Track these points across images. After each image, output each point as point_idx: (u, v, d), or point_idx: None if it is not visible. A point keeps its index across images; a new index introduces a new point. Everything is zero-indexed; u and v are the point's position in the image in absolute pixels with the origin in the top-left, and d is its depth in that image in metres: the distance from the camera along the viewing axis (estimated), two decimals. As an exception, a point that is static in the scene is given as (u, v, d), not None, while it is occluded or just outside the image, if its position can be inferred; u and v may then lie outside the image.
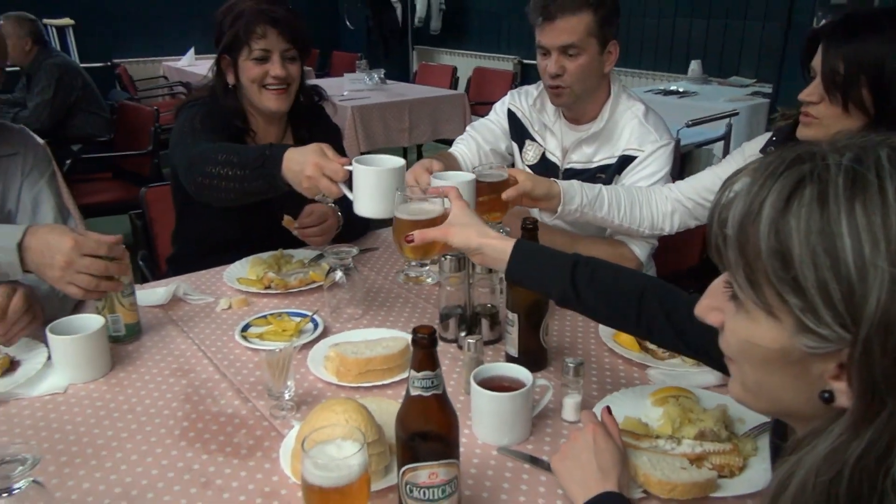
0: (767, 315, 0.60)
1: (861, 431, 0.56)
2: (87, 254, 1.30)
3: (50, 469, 1.07)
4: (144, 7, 7.38)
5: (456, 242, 1.15)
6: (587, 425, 1.00)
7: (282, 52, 1.78)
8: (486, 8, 7.25)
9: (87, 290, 1.32)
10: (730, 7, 5.11)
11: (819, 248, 0.55)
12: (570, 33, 1.74)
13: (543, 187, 1.56)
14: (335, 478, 0.86)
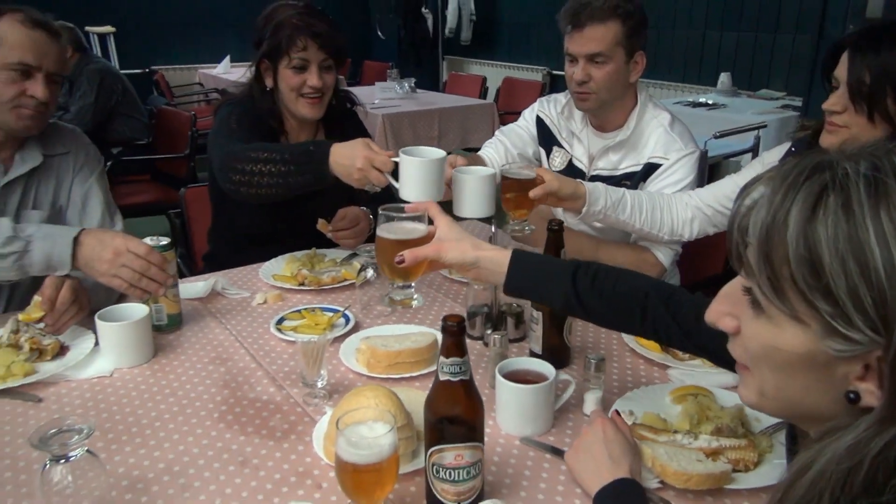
0: (792, 320, 0.62)
1: (886, 427, 0.58)
2: (134, 252, 1.41)
3: (98, 445, 1.14)
4: (182, 16, 7.58)
5: (451, 258, 1.13)
6: (596, 419, 1.05)
7: (320, 62, 1.85)
8: (515, 19, 7.32)
9: (129, 284, 1.41)
10: (761, 20, 5.11)
11: (848, 255, 0.57)
12: (597, 42, 1.79)
13: (570, 187, 1.60)
14: (366, 455, 0.91)
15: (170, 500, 1.03)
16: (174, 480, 1.07)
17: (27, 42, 1.56)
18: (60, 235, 1.42)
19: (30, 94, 1.58)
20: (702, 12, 5.50)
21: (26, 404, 1.27)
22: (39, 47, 1.58)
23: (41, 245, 1.41)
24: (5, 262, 1.41)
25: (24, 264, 1.42)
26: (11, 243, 1.41)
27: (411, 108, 5.01)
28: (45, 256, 1.42)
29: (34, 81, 1.58)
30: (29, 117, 1.61)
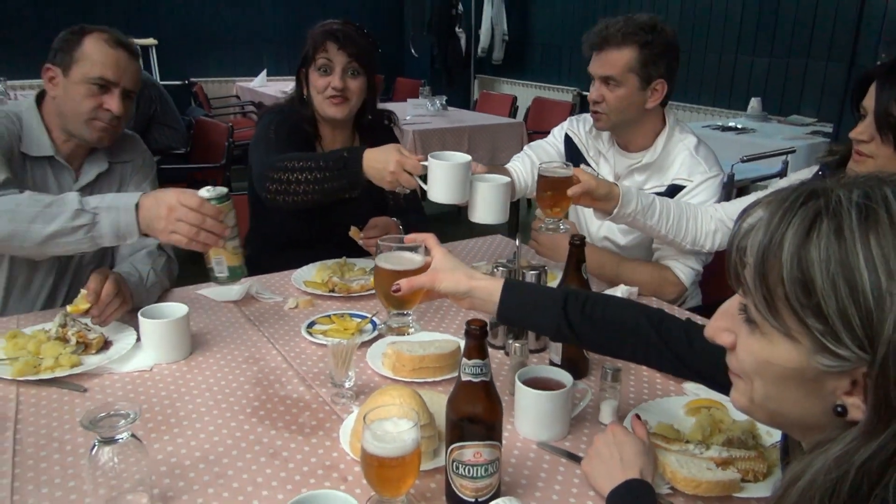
0: (785, 337, 0.66)
1: (871, 440, 0.62)
2: (186, 205, 1.39)
3: (139, 432, 1.21)
4: (221, 31, 7.81)
5: (444, 287, 1.16)
6: (609, 426, 1.09)
7: (343, 65, 1.97)
8: (547, 40, 7.41)
9: (188, 239, 1.39)
10: (793, 46, 5.12)
11: (839, 277, 0.61)
12: (610, 66, 1.85)
13: (605, 188, 1.64)
14: (391, 448, 0.97)
15: (204, 486, 1.09)
16: (209, 468, 1.14)
17: (109, 60, 1.68)
18: (123, 204, 1.43)
19: (106, 107, 1.69)
20: (734, 37, 5.53)
21: (73, 393, 1.35)
22: (119, 65, 1.70)
23: (107, 216, 1.42)
24: (77, 235, 1.42)
25: (94, 236, 1.43)
26: (79, 216, 1.42)
27: (442, 126, 5.10)
28: (113, 226, 1.42)
29: (111, 96, 1.69)
30: (102, 129, 1.72)
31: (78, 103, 1.68)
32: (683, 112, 5.72)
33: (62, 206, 1.42)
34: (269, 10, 8.04)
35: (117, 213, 1.42)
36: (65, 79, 1.69)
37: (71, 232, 1.41)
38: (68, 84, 1.68)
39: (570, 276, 1.40)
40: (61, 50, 1.69)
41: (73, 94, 1.68)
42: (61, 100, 1.70)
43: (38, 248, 1.44)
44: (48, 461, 1.15)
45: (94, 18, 1.77)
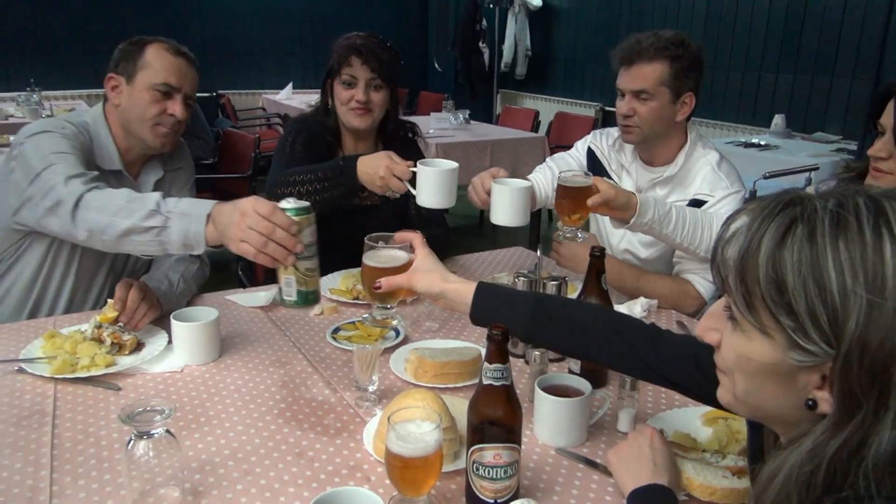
0: (761, 333, 0.71)
1: (839, 432, 0.66)
2: (258, 211, 1.28)
3: (172, 430, 1.26)
4: (249, 44, 7.98)
5: (420, 288, 1.21)
6: (645, 429, 1.12)
7: (367, 80, 2.05)
8: (570, 55, 7.45)
9: (257, 250, 1.27)
10: (817, 63, 5.12)
11: (809, 278, 0.65)
12: (642, 80, 1.89)
13: (623, 197, 1.66)
14: (413, 448, 1.00)
15: (233, 481, 1.14)
16: (238, 465, 1.18)
17: (171, 66, 1.77)
18: (196, 214, 1.38)
19: (170, 112, 1.77)
20: (758, 54, 5.54)
21: (107, 391, 1.41)
22: (181, 71, 1.78)
23: (178, 222, 1.38)
24: (147, 236, 1.41)
25: (163, 240, 1.41)
26: (152, 217, 1.40)
27: (465, 139, 5.15)
28: (182, 234, 1.38)
29: (174, 101, 1.77)
30: (165, 135, 1.79)
31: (143, 109, 1.75)
32: (707, 128, 5.73)
33: (142, 203, 1.43)
34: (296, 24, 8.19)
35: (188, 221, 1.38)
36: (129, 86, 1.76)
37: (143, 231, 1.41)
38: (133, 91, 1.76)
39: (589, 287, 1.42)
40: (123, 60, 1.77)
41: (138, 101, 1.75)
42: (125, 107, 1.77)
43: (116, 243, 1.45)
44: (84, 455, 1.20)
45: (126, 32, 1.84)
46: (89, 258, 1.80)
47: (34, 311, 1.82)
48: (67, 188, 1.51)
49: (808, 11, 5.15)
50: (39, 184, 1.55)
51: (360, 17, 8.36)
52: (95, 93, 7.20)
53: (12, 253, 1.78)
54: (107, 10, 7.16)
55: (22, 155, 1.63)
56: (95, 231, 1.46)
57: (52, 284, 1.81)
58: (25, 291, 1.80)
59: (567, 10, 7.46)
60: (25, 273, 1.79)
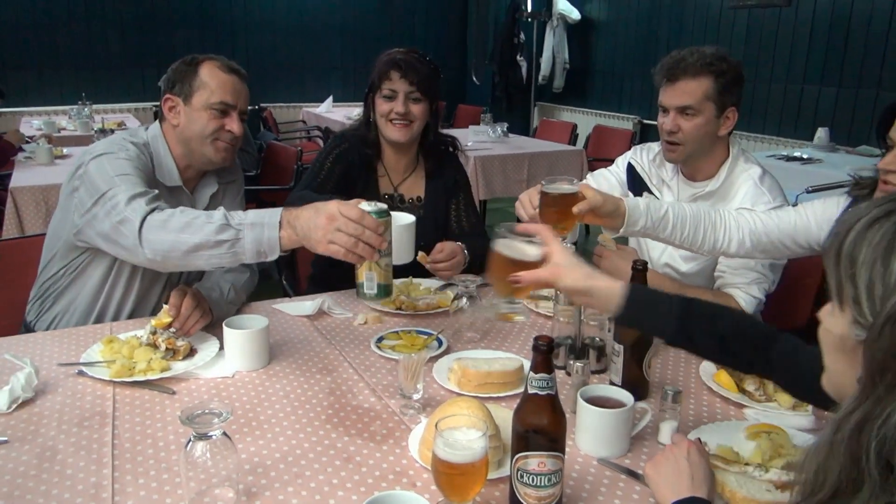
0: (840, 308, 0.79)
1: (860, 404, 0.73)
2: (347, 215, 1.39)
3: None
4: (290, 58, 8.16)
5: (566, 284, 1.21)
6: (682, 441, 1.12)
7: (406, 93, 2.11)
8: (608, 68, 7.45)
9: (346, 250, 1.39)
10: (862, 76, 5.04)
11: (879, 257, 0.74)
12: (688, 95, 1.90)
13: (611, 204, 1.59)
14: (461, 455, 1.03)
15: (284, 484, 1.18)
16: (288, 468, 1.22)
17: (227, 85, 1.83)
18: (268, 221, 1.45)
19: (228, 129, 1.84)
20: (800, 67, 5.47)
21: (162, 395, 1.47)
22: (235, 89, 1.85)
23: (251, 232, 1.46)
24: (220, 249, 1.48)
25: (237, 251, 1.48)
26: (224, 231, 1.47)
27: (502, 152, 5.18)
28: (256, 243, 1.46)
29: (231, 118, 1.84)
30: (224, 150, 1.86)
31: (203, 127, 1.81)
32: (749, 142, 5.67)
33: (210, 219, 1.50)
34: (337, 39, 8.34)
35: (261, 230, 1.45)
36: (186, 107, 1.83)
37: (215, 245, 1.48)
38: (191, 111, 1.82)
39: (631, 300, 1.44)
40: (179, 81, 1.83)
41: (197, 120, 1.82)
42: (184, 126, 1.84)
43: (184, 259, 1.51)
44: (143, 455, 1.25)
45: (174, 47, 1.93)
46: (149, 272, 1.87)
47: (98, 321, 1.89)
48: (130, 207, 1.58)
49: (853, 23, 5.08)
50: (104, 204, 1.62)
51: (400, 32, 8.48)
52: (143, 106, 7.43)
53: (75, 267, 1.86)
54: (155, 26, 7.40)
55: (87, 174, 1.70)
56: (160, 250, 1.53)
57: (115, 297, 1.88)
58: (89, 304, 1.88)
59: (606, 23, 7.46)
60: (88, 286, 1.86)
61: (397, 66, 2.10)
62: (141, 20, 7.37)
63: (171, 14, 7.47)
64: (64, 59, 7.17)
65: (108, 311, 1.89)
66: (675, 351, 1.70)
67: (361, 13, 8.41)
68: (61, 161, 4.29)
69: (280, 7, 8.06)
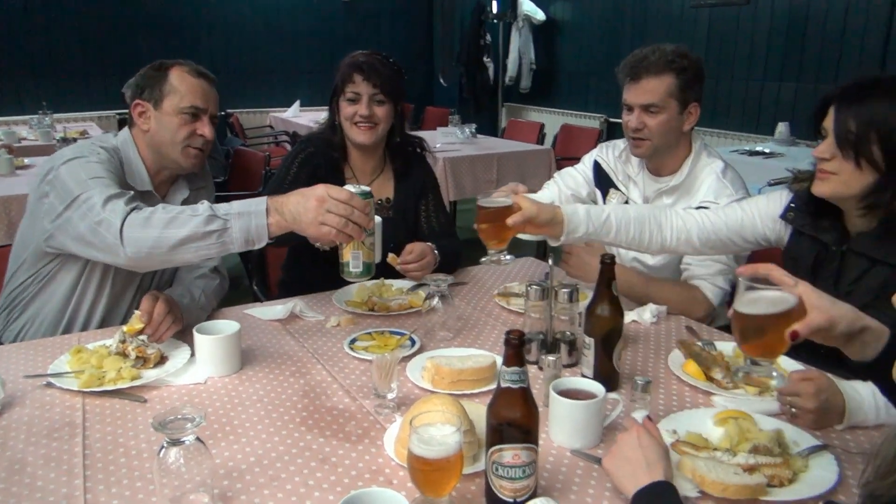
0: None
1: None
2: (336, 197, 1.45)
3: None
4: (256, 64, 8.10)
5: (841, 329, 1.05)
6: (630, 427, 1.15)
7: (370, 95, 2.12)
8: (574, 69, 7.52)
9: (337, 230, 1.44)
10: (820, 71, 5.16)
11: None
12: (651, 93, 1.93)
13: (547, 213, 1.59)
14: (436, 450, 1.04)
15: (260, 487, 1.18)
16: (264, 471, 1.22)
17: (197, 89, 1.82)
18: (255, 209, 1.48)
19: (199, 133, 1.83)
20: (761, 64, 5.58)
21: (133, 403, 1.45)
22: (205, 93, 1.84)
23: (238, 221, 1.48)
24: (209, 240, 1.49)
25: (225, 241, 1.49)
26: (212, 222, 1.49)
27: (471, 153, 5.21)
28: (244, 231, 1.48)
29: (202, 123, 1.84)
30: (196, 155, 1.86)
31: (174, 132, 1.81)
32: (711, 137, 5.76)
33: (195, 212, 1.51)
34: (303, 43, 8.30)
35: (248, 219, 1.48)
36: (156, 111, 1.82)
37: (202, 237, 1.49)
38: (161, 116, 1.81)
39: (601, 294, 1.46)
40: (148, 86, 1.82)
41: (168, 125, 1.81)
42: (155, 132, 1.83)
43: (170, 255, 1.51)
44: (115, 464, 1.24)
45: (137, 54, 1.92)
46: (120, 277, 1.85)
47: (67, 331, 1.87)
48: (108, 208, 1.57)
49: (810, 20, 5.20)
50: (78, 207, 1.61)
51: (366, 35, 8.47)
52: (106, 114, 7.31)
53: (44, 275, 1.83)
54: (117, 33, 7.30)
55: (57, 179, 1.68)
56: (144, 247, 1.52)
57: (85, 305, 1.86)
58: (58, 313, 1.85)
59: (571, 23, 7.54)
60: (57, 294, 1.84)
61: (359, 69, 2.11)
62: (103, 27, 7.26)
63: (133, 21, 7.36)
64: (24, 67, 7.03)
65: (78, 320, 1.86)
66: (644, 343, 1.74)
67: (327, 17, 8.38)
68: (22, 171, 4.20)
69: (245, 12, 8.00)
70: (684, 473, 1.14)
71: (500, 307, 1.98)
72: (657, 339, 1.77)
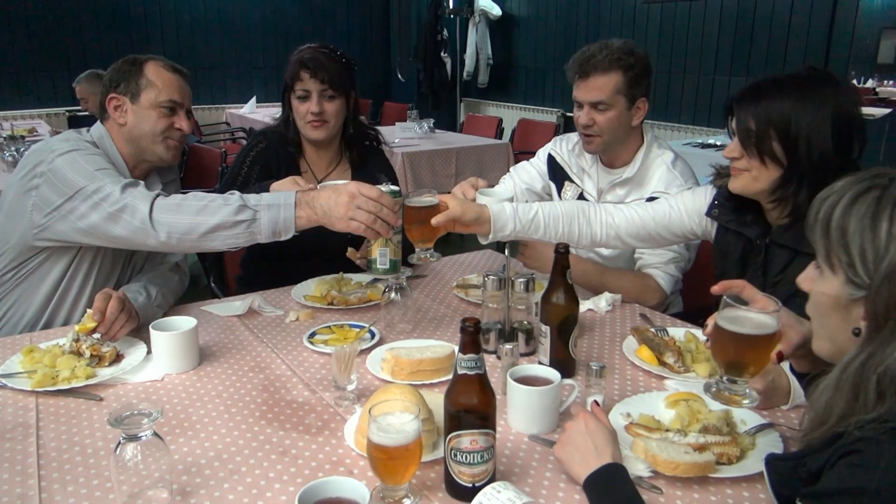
0: (831, 271, 0.92)
1: (864, 349, 0.87)
2: (366, 194, 1.54)
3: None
4: (210, 60, 7.97)
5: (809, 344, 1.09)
6: (578, 414, 1.18)
7: (319, 92, 2.12)
8: (531, 63, 7.58)
9: (366, 225, 1.53)
10: (767, 65, 5.30)
11: (867, 227, 0.87)
12: (599, 91, 1.97)
13: (472, 213, 1.61)
14: (395, 438, 1.05)
15: (220, 481, 1.17)
16: (223, 466, 1.22)
17: (173, 84, 1.84)
18: (284, 202, 1.57)
19: (177, 126, 1.84)
20: (711, 58, 5.71)
21: (89, 402, 1.43)
22: (181, 87, 1.86)
23: (267, 213, 1.56)
24: (237, 229, 1.57)
25: (253, 231, 1.57)
26: (242, 212, 1.57)
27: (430, 148, 5.22)
28: (272, 223, 1.57)
29: (179, 116, 1.85)
30: (174, 147, 1.87)
31: (153, 126, 1.82)
32: (666, 131, 5.88)
33: (226, 201, 1.57)
34: (258, 39, 8.19)
35: (277, 211, 1.56)
36: (134, 105, 1.82)
37: (232, 226, 1.57)
38: (139, 110, 1.82)
39: (555, 283, 1.49)
40: (123, 80, 1.82)
41: (146, 119, 1.81)
42: (133, 125, 1.83)
43: (201, 241, 1.59)
44: (71, 463, 1.22)
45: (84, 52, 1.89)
46: (103, 273, 1.86)
47: (47, 326, 1.86)
48: (129, 194, 1.61)
49: (758, 16, 5.33)
50: (86, 198, 1.63)
51: (322, 30, 8.40)
52: (55, 111, 7.11)
53: (26, 270, 1.81)
54: (64, 29, 7.09)
55: (53, 172, 1.68)
56: (176, 232, 1.59)
57: (69, 298, 1.85)
58: (40, 307, 1.84)
59: (527, 18, 7.59)
60: (41, 289, 1.83)
61: (306, 66, 2.10)
62: (49, 23, 7.04)
63: (80, 15, 7.16)
64: (-34, 64, 6.81)
65: (60, 315, 1.86)
66: (599, 330, 1.78)
67: (281, 12, 8.28)
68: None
69: (198, 6, 7.86)
70: (637, 454, 1.17)
71: (458, 299, 2.00)
72: (612, 326, 1.81)
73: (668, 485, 1.14)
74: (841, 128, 1.46)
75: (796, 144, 1.47)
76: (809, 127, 1.46)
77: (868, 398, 0.83)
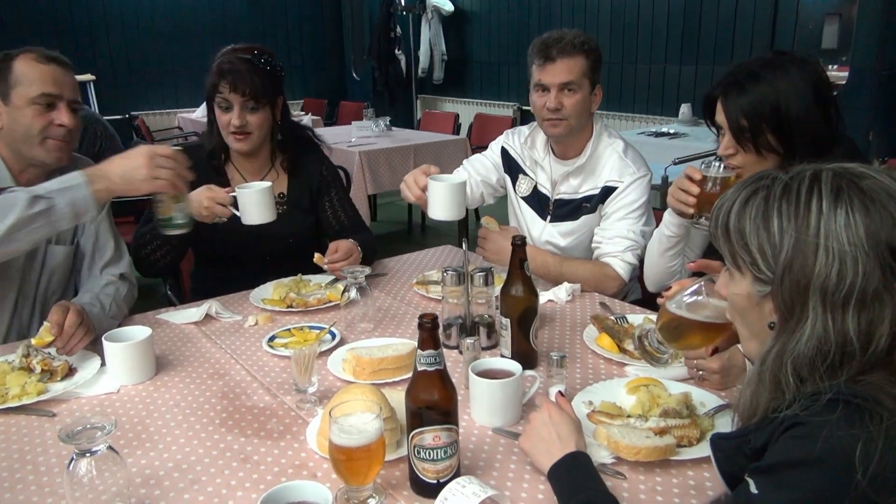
0: (739, 272, 0.94)
1: (777, 340, 0.90)
2: (163, 154, 1.56)
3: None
4: (160, 64, 7.82)
5: None
6: (542, 405, 1.19)
7: (241, 103, 2.02)
8: (485, 58, 7.61)
9: (170, 182, 1.56)
10: (716, 54, 5.41)
11: (760, 224, 0.89)
12: (569, 72, 1.99)
13: None
14: (357, 439, 1.04)
15: (180, 492, 1.15)
16: (183, 476, 1.19)
17: (45, 76, 1.70)
18: (74, 183, 1.52)
19: (57, 122, 1.71)
20: (661, 48, 5.80)
21: (42, 419, 1.39)
22: (57, 78, 1.72)
23: (62, 196, 1.50)
24: (37, 223, 1.49)
25: (53, 220, 1.50)
26: (36, 203, 1.48)
27: (387, 145, 5.20)
28: (71, 205, 1.51)
29: (59, 111, 1.72)
30: (58, 148, 1.74)
31: (28, 126, 1.69)
32: (619, 120, 5.95)
33: (14, 200, 1.48)
34: (208, 42, 8.03)
35: (70, 192, 1.51)
36: (6, 107, 1.70)
37: (30, 220, 1.49)
38: (13, 110, 1.70)
39: (514, 274, 1.49)
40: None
41: (21, 119, 1.69)
42: (9, 128, 1.71)
43: (2, 246, 1.50)
44: (24, 482, 1.18)
45: None
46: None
47: None
48: None
49: (704, 6, 5.44)
50: None
51: (273, 32, 8.30)
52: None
53: None
54: (6, 38, 6.86)
55: None
56: None
57: None
58: None
59: (479, 13, 7.61)
60: None
61: (224, 77, 2.00)
62: (-14, 30, 6.84)
63: (22, 24, 6.96)
64: None
65: None
66: (560, 320, 1.79)
67: (232, 14, 8.17)
68: None
69: (144, 11, 7.70)
70: (600, 441, 1.18)
71: (419, 296, 2.00)
72: (573, 316, 1.82)
73: (631, 470, 1.16)
74: (822, 101, 1.51)
75: (790, 130, 1.50)
76: (798, 110, 1.49)
77: (789, 386, 0.86)
